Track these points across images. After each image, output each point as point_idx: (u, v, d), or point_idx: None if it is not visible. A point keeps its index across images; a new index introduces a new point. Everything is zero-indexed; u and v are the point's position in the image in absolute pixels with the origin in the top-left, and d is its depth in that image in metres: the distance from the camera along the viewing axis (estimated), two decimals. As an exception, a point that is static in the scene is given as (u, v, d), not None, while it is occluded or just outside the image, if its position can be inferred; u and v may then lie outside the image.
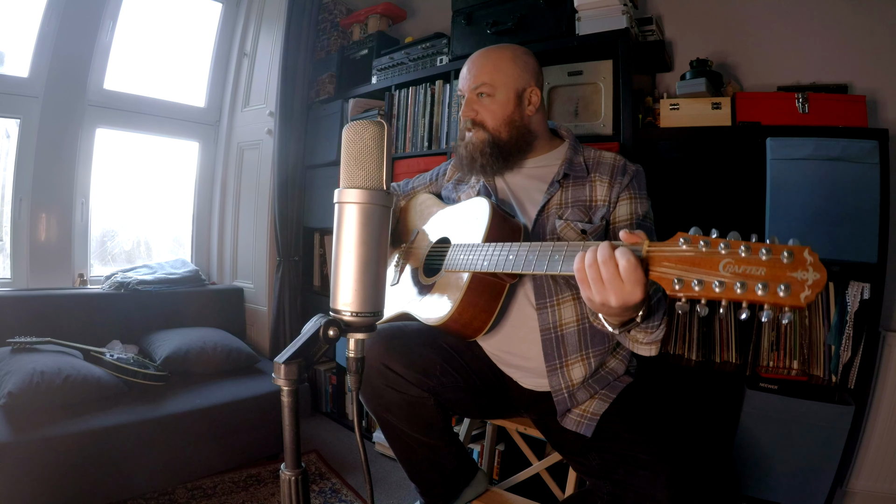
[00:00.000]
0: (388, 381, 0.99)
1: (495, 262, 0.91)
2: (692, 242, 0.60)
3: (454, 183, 1.26)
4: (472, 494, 1.13)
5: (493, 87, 1.09)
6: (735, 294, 0.55)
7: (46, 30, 2.06)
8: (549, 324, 1.01)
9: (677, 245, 0.61)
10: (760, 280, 0.54)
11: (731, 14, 1.70)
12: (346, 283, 0.59)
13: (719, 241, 0.58)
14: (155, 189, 2.63)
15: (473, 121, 1.11)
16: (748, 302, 0.55)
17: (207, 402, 1.72)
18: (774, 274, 0.54)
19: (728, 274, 0.56)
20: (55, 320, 1.91)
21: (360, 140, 0.59)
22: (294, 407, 0.58)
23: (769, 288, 0.53)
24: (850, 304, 1.32)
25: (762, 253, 0.54)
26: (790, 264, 0.53)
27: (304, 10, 2.40)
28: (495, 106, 1.09)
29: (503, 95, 1.10)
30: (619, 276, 0.66)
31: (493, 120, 1.10)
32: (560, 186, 1.08)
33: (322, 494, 1.70)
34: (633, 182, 1.06)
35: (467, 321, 1.00)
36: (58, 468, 1.38)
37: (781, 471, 1.33)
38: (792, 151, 1.31)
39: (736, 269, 0.56)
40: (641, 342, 0.91)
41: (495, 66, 1.10)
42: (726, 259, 0.57)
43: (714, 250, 0.58)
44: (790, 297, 0.52)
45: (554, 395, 1.01)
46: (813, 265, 0.52)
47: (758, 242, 0.56)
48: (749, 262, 0.55)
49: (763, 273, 0.54)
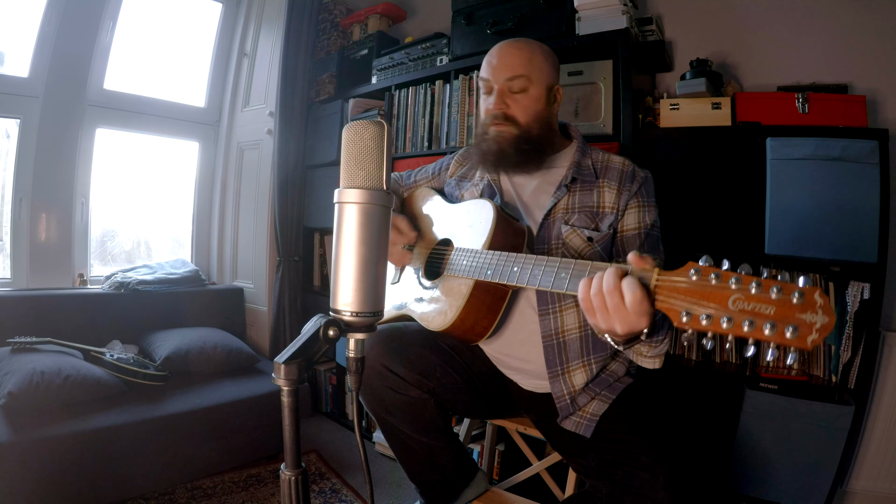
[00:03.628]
0: (388, 382, 0.98)
1: (499, 273, 0.89)
2: (703, 274, 0.59)
3: (457, 179, 1.23)
4: (472, 494, 1.13)
5: (528, 81, 1.03)
6: (742, 332, 0.55)
7: (46, 30, 2.06)
8: (551, 330, 1.00)
9: (687, 276, 0.60)
10: (769, 319, 0.54)
11: (731, 14, 1.70)
12: (346, 283, 0.59)
13: (730, 276, 0.57)
14: (155, 189, 2.63)
15: (505, 115, 1.04)
16: (754, 339, 0.55)
17: (207, 402, 1.72)
18: (783, 314, 0.53)
19: (737, 310, 0.56)
20: (55, 320, 1.91)
21: (360, 140, 0.59)
22: (294, 407, 0.58)
23: (777, 329, 0.53)
24: (850, 304, 1.32)
25: (773, 291, 0.54)
26: (800, 305, 0.53)
27: (304, 10, 2.40)
28: (528, 101, 1.04)
29: (536, 90, 1.04)
30: (625, 307, 0.65)
31: (525, 115, 1.04)
32: (568, 191, 1.05)
33: (322, 494, 1.70)
34: (641, 189, 1.04)
35: (469, 327, 0.99)
36: (58, 468, 1.38)
37: (781, 471, 1.33)
38: (792, 151, 1.31)
39: (745, 306, 0.55)
40: (646, 355, 0.91)
41: (530, 59, 1.04)
42: (736, 294, 0.56)
43: (724, 284, 0.57)
44: (797, 340, 0.52)
45: (557, 402, 1.00)
46: (822, 308, 0.52)
47: (768, 279, 0.55)
48: (759, 299, 0.55)
49: (772, 312, 0.54)
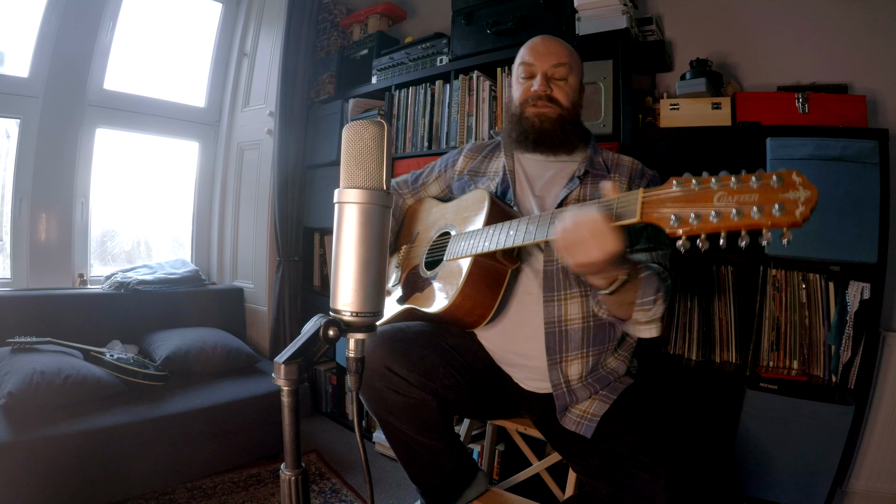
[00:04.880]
0: (389, 383, 0.98)
1: (495, 240, 0.93)
2: (684, 184, 0.63)
3: (470, 174, 1.23)
4: (472, 495, 1.13)
5: (569, 70, 1.11)
6: (732, 222, 0.57)
7: (46, 30, 2.06)
8: (554, 317, 1.01)
9: (671, 188, 0.64)
10: (755, 205, 0.56)
11: (731, 14, 1.70)
12: (346, 283, 0.59)
13: (710, 178, 0.61)
14: (155, 189, 2.63)
15: (549, 97, 1.10)
16: (746, 228, 0.57)
17: (207, 402, 1.72)
18: (767, 198, 0.56)
19: (722, 205, 0.59)
20: (55, 320, 1.91)
21: (360, 140, 0.59)
22: (294, 407, 0.58)
23: (764, 210, 0.55)
24: (850, 304, 1.32)
25: (752, 181, 0.57)
26: (780, 187, 0.56)
27: (304, 11, 2.40)
28: (569, 88, 1.11)
29: (574, 80, 1.13)
30: (595, 232, 0.72)
31: (567, 99, 1.11)
32: (580, 183, 1.09)
33: (322, 494, 1.70)
34: (650, 186, 1.06)
35: (469, 308, 1.00)
36: (57, 468, 1.38)
37: (781, 471, 1.33)
38: (792, 151, 1.31)
39: (729, 200, 0.59)
40: (641, 322, 0.92)
41: (571, 52, 1.13)
42: (719, 192, 0.59)
43: (706, 186, 0.61)
44: (786, 216, 0.55)
45: (553, 390, 1.01)
46: (803, 184, 0.55)
47: (747, 174, 0.58)
48: (741, 191, 0.58)
49: (756, 199, 0.57)
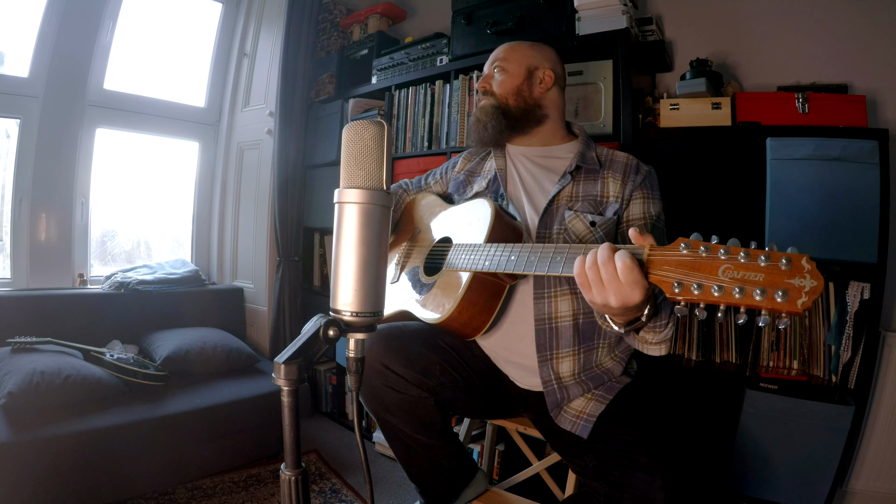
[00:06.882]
0: (387, 381, 0.99)
1: (496, 262, 0.92)
2: (693, 247, 0.61)
3: (466, 174, 1.28)
4: (472, 494, 1.13)
5: (506, 63, 1.20)
6: (733, 299, 0.56)
7: (46, 30, 2.06)
8: (544, 314, 1.02)
9: (678, 250, 0.63)
10: (759, 286, 0.55)
11: (731, 14, 1.70)
12: (346, 283, 0.59)
13: (719, 247, 0.59)
14: (155, 189, 2.63)
15: (484, 90, 1.21)
16: (746, 307, 0.56)
17: (207, 402, 1.72)
18: (772, 280, 0.55)
19: (727, 279, 0.57)
20: (55, 320, 1.91)
21: (360, 140, 0.59)
22: (294, 407, 0.58)
23: (767, 294, 0.54)
24: (850, 304, 1.32)
25: (761, 259, 0.55)
26: (788, 271, 0.54)
27: (304, 11, 2.40)
28: (504, 77, 1.19)
29: (514, 69, 1.19)
30: (618, 278, 0.67)
31: (501, 89, 1.18)
32: (572, 179, 1.09)
33: (322, 494, 1.70)
34: (646, 181, 1.07)
35: (466, 320, 1.00)
36: (58, 468, 1.38)
37: (781, 471, 1.33)
38: (792, 151, 1.31)
39: (735, 275, 0.57)
40: (651, 342, 0.91)
41: (511, 48, 1.22)
42: (726, 264, 0.58)
43: (714, 255, 0.59)
44: (787, 304, 0.53)
45: (544, 387, 1.01)
46: (810, 273, 0.53)
47: (757, 249, 0.57)
48: (748, 267, 0.56)
49: (761, 279, 0.55)
